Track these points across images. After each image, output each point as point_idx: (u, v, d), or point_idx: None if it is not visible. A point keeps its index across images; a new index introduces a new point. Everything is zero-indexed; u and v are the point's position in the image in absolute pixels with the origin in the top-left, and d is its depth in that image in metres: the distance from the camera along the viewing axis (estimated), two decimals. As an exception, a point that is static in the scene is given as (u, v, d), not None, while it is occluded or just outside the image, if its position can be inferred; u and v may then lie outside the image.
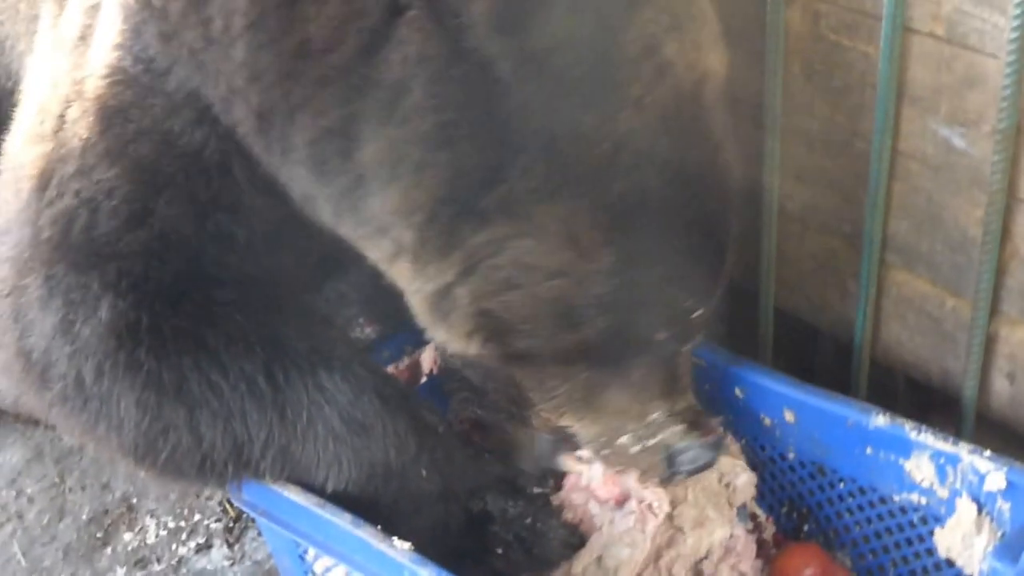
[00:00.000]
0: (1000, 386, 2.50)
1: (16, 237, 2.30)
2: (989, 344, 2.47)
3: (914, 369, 2.66)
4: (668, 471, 2.28)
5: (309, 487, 2.29)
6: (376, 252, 2.07)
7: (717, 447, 2.30)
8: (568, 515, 2.43)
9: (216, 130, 2.14)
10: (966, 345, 2.48)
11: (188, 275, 2.24)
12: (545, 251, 1.94)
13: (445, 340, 2.11)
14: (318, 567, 2.48)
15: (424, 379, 2.76)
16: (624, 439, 2.26)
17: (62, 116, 2.24)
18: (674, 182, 1.96)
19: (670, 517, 2.44)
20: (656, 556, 2.42)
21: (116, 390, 2.21)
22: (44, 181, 2.24)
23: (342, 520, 2.24)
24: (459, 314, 2.03)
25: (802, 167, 2.65)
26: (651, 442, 2.25)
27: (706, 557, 2.45)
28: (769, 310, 2.84)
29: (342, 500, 2.27)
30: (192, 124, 2.16)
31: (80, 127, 2.21)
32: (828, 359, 2.85)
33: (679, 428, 2.25)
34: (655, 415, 2.24)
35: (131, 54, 2.16)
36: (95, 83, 2.20)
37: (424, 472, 2.28)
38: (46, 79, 2.33)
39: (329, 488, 2.27)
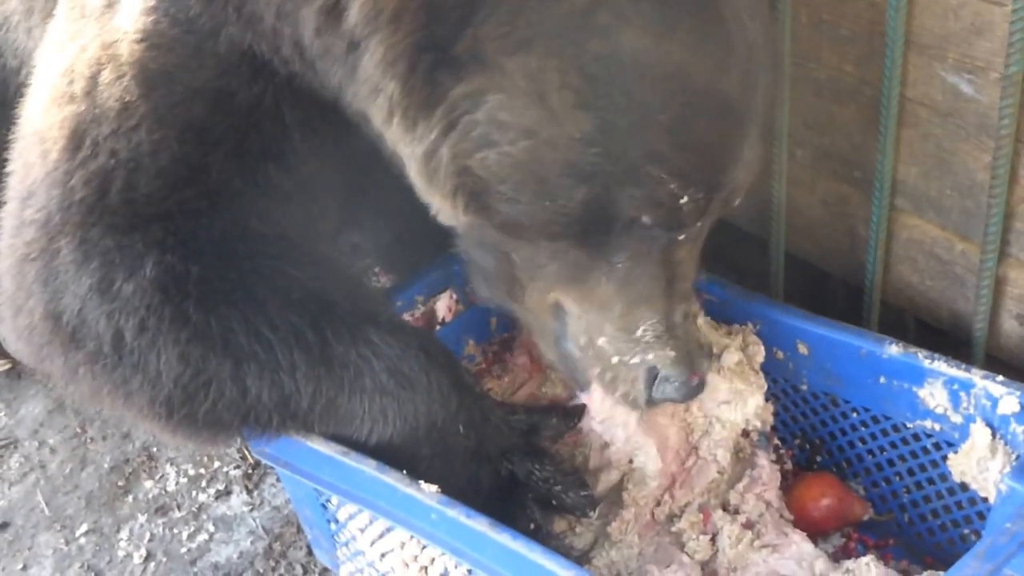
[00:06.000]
0: (1009, 327, 2.53)
1: (43, 200, 2.26)
2: (998, 286, 2.49)
3: (924, 312, 2.68)
4: (644, 394, 2.19)
5: (349, 442, 2.29)
6: (377, 114, 2.04)
7: (696, 391, 2.20)
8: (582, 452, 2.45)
9: (273, 82, 2.16)
10: (975, 287, 2.51)
11: (235, 232, 2.25)
12: (516, 107, 1.90)
13: (438, 208, 2.10)
14: (341, 514, 2.50)
15: (438, 327, 2.78)
16: (602, 342, 2.17)
17: (93, 78, 2.22)
18: (664, 51, 1.86)
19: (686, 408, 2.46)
20: (694, 444, 2.45)
21: (158, 344, 2.19)
22: (76, 141, 2.22)
23: (367, 466, 2.25)
24: (443, 173, 2.01)
25: (811, 114, 2.66)
26: (634, 360, 2.17)
27: (747, 432, 2.50)
28: (780, 256, 2.85)
29: (379, 457, 2.27)
30: (249, 80, 2.18)
31: (116, 90, 2.20)
32: (839, 304, 2.86)
33: (669, 354, 2.15)
34: (644, 328, 2.14)
35: (167, 16, 2.17)
36: (130, 47, 2.19)
37: (462, 428, 2.29)
38: (70, 44, 2.30)
39: (372, 442, 2.28)
